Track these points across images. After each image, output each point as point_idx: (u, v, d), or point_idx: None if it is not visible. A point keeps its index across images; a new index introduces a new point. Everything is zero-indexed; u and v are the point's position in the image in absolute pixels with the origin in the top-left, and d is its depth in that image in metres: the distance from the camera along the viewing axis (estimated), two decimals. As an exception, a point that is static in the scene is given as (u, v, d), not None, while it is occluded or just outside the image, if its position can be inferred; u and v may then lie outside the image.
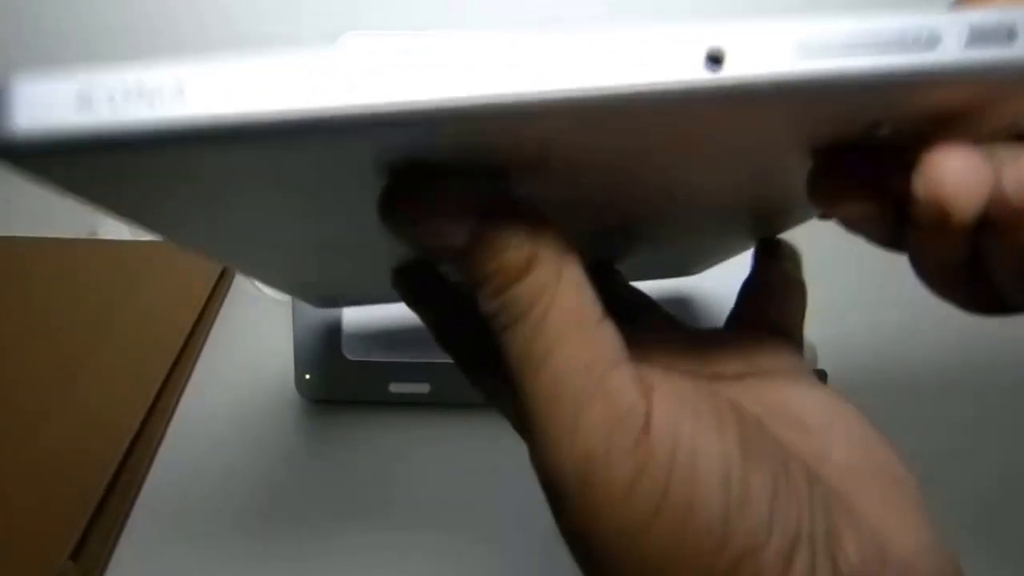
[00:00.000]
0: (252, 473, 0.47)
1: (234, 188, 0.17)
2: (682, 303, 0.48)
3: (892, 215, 0.19)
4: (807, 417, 0.22)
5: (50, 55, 0.75)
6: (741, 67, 0.14)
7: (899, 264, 0.20)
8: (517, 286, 0.18)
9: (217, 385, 0.53)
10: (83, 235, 0.63)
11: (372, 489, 0.46)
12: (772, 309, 0.28)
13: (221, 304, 0.60)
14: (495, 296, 0.18)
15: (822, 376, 0.49)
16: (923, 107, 0.17)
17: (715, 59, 0.14)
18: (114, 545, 0.43)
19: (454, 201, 0.18)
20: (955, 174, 0.16)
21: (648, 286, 0.33)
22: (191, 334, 0.55)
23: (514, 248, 0.18)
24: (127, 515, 0.44)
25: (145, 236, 0.63)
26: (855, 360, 0.52)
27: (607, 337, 0.19)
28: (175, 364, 0.52)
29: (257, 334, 0.57)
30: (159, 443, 0.49)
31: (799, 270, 0.29)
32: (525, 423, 0.19)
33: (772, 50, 0.14)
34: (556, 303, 0.18)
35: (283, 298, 0.58)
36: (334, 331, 0.48)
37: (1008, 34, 0.15)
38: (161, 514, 0.45)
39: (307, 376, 0.50)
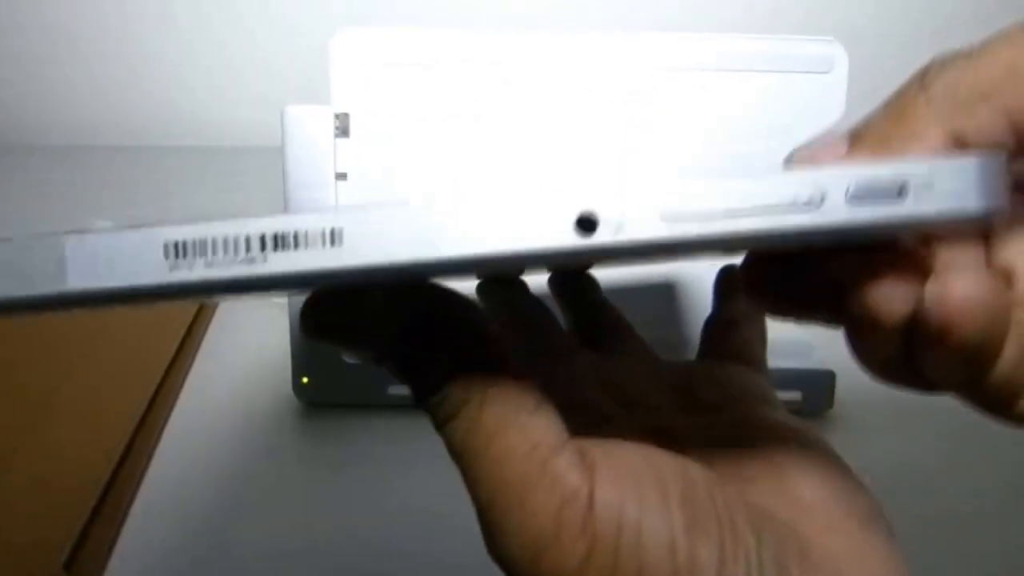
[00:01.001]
0: (249, 478, 0.47)
1: None
2: (669, 288, 0.48)
3: (824, 310, 0.19)
4: (776, 451, 0.23)
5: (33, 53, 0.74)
6: (611, 233, 0.14)
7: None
8: (446, 388, 0.19)
9: (213, 389, 0.52)
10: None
11: (371, 493, 0.46)
12: (734, 341, 0.29)
13: (217, 306, 0.59)
14: (424, 398, 0.19)
15: (830, 378, 0.48)
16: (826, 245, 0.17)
17: (587, 224, 0.14)
18: (109, 554, 0.42)
19: (370, 322, 0.19)
20: (878, 296, 0.17)
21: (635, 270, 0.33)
22: (186, 336, 0.54)
23: (436, 364, 0.19)
24: (122, 522, 0.44)
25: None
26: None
27: (545, 423, 0.19)
28: (170, 368, 0.52)
29: (253, 336, 0.56)
30: (154, 448, 0.48)
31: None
32: (476, 509, 0.19)
33: (643, 216, 0.14)
34: (489, 398, 0.19)
35: (279, 300, 0.57)
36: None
37: (899, 190, 0.14)
38: (157, 520, 0.44)
39: (304, 379, 0.49)
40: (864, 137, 0.17)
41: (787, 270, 0.19)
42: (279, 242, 0.15)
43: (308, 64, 0.49)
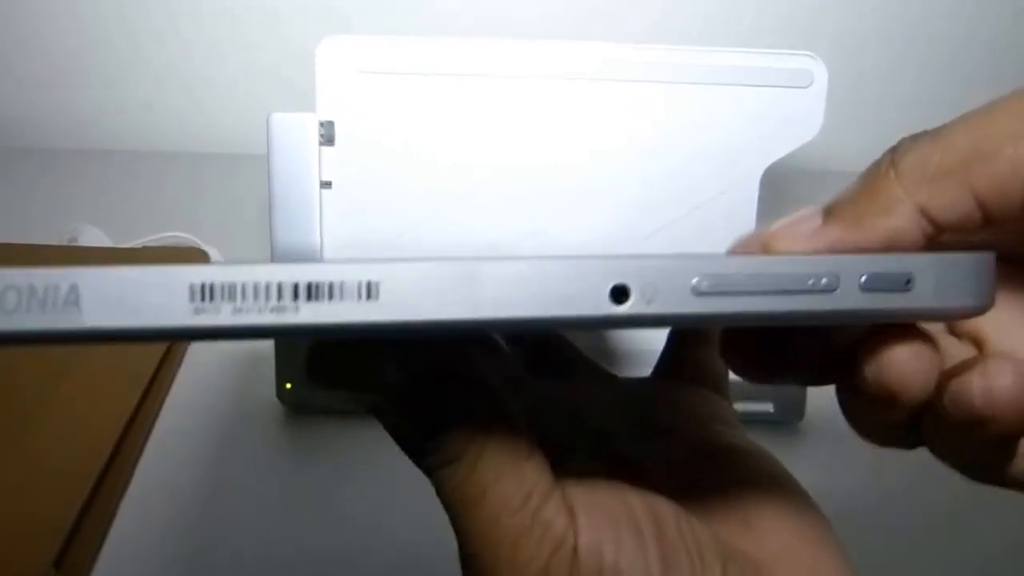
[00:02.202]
0: (234, 482, 0.47)
1: None
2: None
3: (804, 375, 0.20)
4: (731, 476, 0.23)
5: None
6: (642, 305, 0.15)
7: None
8: (446, 435, 0.19)
9: (198, 393, 0.52)
10: (63, 242, 0.63)
11: (354, 498, 0.46)
12: (695, 355, 0.29)
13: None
14: (423, 442, 0.19)
15: (801, 390, 0.49)
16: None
17: (619, 295, 0.15)
18: (97, 552, 0.42)
19: (378, 372, 0.19)
20: (904, 362, 0.17)
21: None
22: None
23: (442, 407, 0.19)
24: (110, 522, 0.44)
25: (124, 243, 0.63)
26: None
27: (538, 468, 0.19)
28: (156, 371, 0.52)
29: (239, 342, 0.56)
30: (141, 451, 0.48)
31: None
32: (460, 554, 0.19)
33: (673, 289, 0.15)
34: (489, 445, 0.19)
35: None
36: (316, 339, 0.48)
37: (906, 282, 0.15)
38: (144, 522, 0.44)
39: (288, 385, 0.49)
40: (837, 212, 0.18)
41: (770, 339, 0.20)
42: (313, 292, 0.14)
43: (295, 72, 0.49)
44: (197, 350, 0.56)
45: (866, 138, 0.19)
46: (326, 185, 0.44)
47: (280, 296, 0.14)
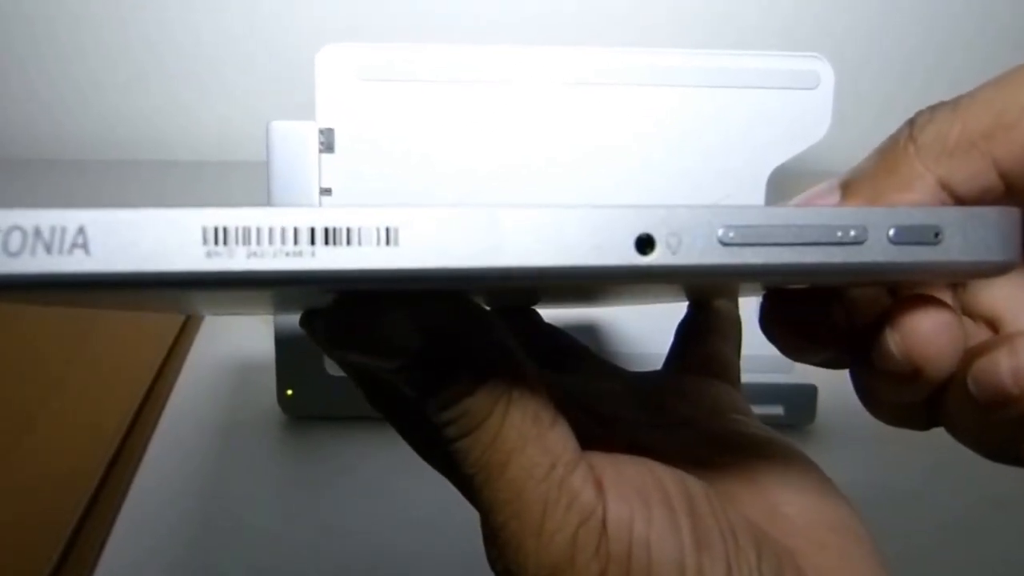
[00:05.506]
0: (234, 491, 0.46)
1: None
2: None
3: (843, 354, 0.19)
4: (755, 466, 0.22)
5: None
6: (667, 255, 0.15)
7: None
8: (470, 399, 0.18)
9: (198, 401, 0.52)
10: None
11: (355, 505, 0.46)
12: (707, 348, 0.28)
13: (203, 318, 0.59)
14: (446, 408, 0.18)
15: (812, 391, 0.48)
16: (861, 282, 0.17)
17: (644, 245, 0.15)
18: (94, 565, 0.42)
19: (395, 328, 0.18)
20: (930, 334, 0.17)
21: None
22: (172, 348, 0.54)
23: (465, 368, 0.18)
24: (107, 534, 0.43)
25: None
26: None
27: (563, 437, 0.19)
28: (155, 380, 0.51)
29: (238, 349, 0.56)
30: (139, 461, 0.48)
31: (734, 305, 0.30)
32: (484, 528, 0.19)
33: (698, 239, 0.15)
34: (512, 411, 0.18)
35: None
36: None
37: (934, 234, 0.15)
38: (142, 533, 0.44)
39: (289, 392, 0.49)
40: (856, 187, 0.18)
41: (805, 308, 0.19)
42: (330, 236, 0.14)
43: (295, 80, 0.49)
44: (196, 357, 0.56)
45: (873, 140, 0.18)
46: (326, 192, 0.44)
47: (296, 240, 0.14)
